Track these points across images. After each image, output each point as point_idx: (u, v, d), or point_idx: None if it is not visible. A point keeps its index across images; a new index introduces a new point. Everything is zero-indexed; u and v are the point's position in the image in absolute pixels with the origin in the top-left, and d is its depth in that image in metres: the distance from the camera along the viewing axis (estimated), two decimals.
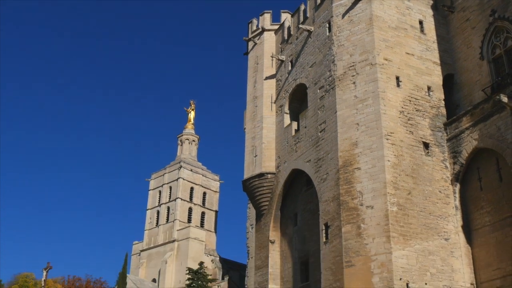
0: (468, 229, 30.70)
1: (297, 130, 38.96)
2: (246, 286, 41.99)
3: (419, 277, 28.39)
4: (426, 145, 32.15)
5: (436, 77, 34.61)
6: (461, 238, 30.53)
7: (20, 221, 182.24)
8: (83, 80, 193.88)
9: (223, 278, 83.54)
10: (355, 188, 30.80)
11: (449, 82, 35.34)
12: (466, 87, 34.39)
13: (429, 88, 33.92)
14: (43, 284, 77.38)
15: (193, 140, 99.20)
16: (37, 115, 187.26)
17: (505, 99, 28.59)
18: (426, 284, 28.38)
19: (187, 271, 56.73)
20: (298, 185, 38.91)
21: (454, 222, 30.78)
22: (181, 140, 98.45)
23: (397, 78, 33.05)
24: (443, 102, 34.03)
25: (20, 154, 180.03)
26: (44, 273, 78.69)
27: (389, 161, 30.48)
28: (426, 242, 29.40)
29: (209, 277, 58.91)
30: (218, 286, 77.96)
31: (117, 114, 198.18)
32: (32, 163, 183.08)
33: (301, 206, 38.39)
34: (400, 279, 27.86)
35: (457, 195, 31.46)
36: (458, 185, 31.61)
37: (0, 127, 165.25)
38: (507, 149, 28.67)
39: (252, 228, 42.52)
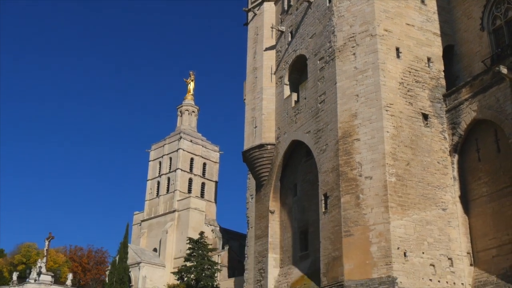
0: (465, 200, 31.10)
1: (297, 101, 39.07)
2: (246, 255, 42.59)
3: (417, 246, 28.90)
4: (425, 116, 32.34)
5: (436, 48, 34.60)
6: (458, 208, 30.97)
7: (22, 191, 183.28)
8: (82, 51, 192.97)
9: (223, 248, 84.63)
10: (354, 159, 31.09)
11: (449, 53, 35.36)
12: (466, 58, 34.44)
13: (429, 59, 33.93)
14: (45, 254, 78.63)
15: (193, 111, 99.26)
16: (37, 84, 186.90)
17: (504, 70, 28.65)
18: (423, 253, 28.92)
19: (188, 241, 57.39)
20: (298, 156, 39.20)
21: (451, 192, 31.18)
22: (180, 111, 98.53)
23: (397, 49, 33.05)
24: (442, 73, 34.09)
25: (20, 124, 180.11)
26: (46, 243, 79.83)
27: (388, 132, 30.70)
28: (424, 212, 29.83)
29: (210, 246, 59.60)
30: (218, 255, 79.00)
31: (117, 85, 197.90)
32: (33, 133, 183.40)
33: (300, 176, 38.74)
34: (398, 248, 28.37)
35: (455, 166, 31.77)
36: (456, 156, 31.91)
37: (0, 95, 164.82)
38: (505, 121, 28.87)
39: (252, 198, 42.96)
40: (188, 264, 52.98)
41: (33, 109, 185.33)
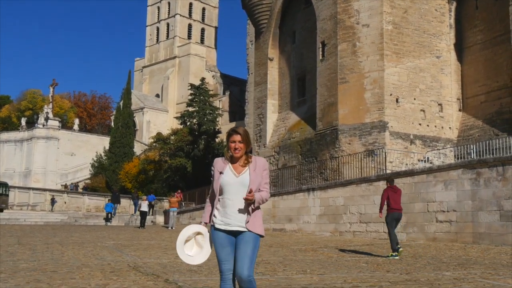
0: (460, 47, 31.60)
1: None
2: (246, 100, 43.94)
3: (409, 92, 30.04)
4: None
5: None
6: (452, 55, 31.58)
7: (25, 38, 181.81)
8: None
9: (224, 93, 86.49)
10: (352, 7, 31.07)
11: None
12: None
13: None
14: (51, 100, 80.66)
15: None
16: None
17: None
18: (414, 99, 30.13)
19: (189, 87, 58.54)
20: (297, 3, 38.87)
21: (447, 40, 31.60)
22: None
23: None
24: None
25: None
26: (51, 89, 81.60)
27: None
28: (418, 60, 30.51)
29: (211, 92, 60.85)
30: (219, 100, 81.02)
31: None
32: None
33: (299, 24, 38.78)
34: (391, 94, 29.54)
35: (453, 13, 31.79)
36: (454, 3, 31.78)
37: None
38: None
39: (252, 44, 43.29)
40: (190, 109, 54.61)
41: None
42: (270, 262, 11.63)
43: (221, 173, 4.64)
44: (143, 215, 30.86)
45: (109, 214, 37.79)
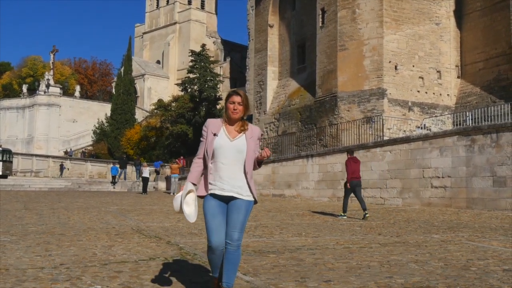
0: (459, 14, 31.61)
1: None
2: (247, 67, 44.10)
3: (408, 60, 30.22)
4: None
5: None
6: (451, 22, 31.62)
7: (25, 5, 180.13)
8: None
9: (225, 59, 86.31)
10: None
11: None
12: None
13: None
14: (51, 67, 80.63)
15: None
16: None
17: None
18: (413, 66, 30.33)
19: (190, 53, 58.49)
20: None
21: (446, 7, 31.58)
22: None
23: None
24: None
25: None
26: (52, 56, 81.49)
27: None
28: (417, 27, 30.59)
29: (211, 58, 60.81)
30: (220, 67, 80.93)
31: None
32: None
33: None
34: (390, 62, 29.73)
35: None
36: None
37: None
38: None
39: (252, 10, 43.21)
40: (191, 76, 54.72)
41: None
42: (267, 226, 12.13)
43: (214, 135, 4.50)
44: (145, 181, 31.44)
45: (115, 177, 39.00)
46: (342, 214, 15.23)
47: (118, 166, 41.20)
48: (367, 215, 14.68)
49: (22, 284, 5.27)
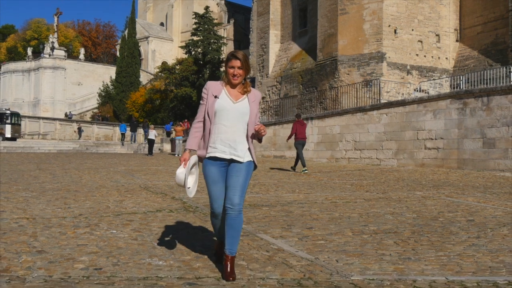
0: None
1: None
2: (251, 29, 44.45)
3: (407, 23, 30.68)
4: None
5: None
6: None
7: None
8: None
9: (228, 21, 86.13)
10: None
11: None
12: None
13: None
14: (56, 30, 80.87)
15: None
16: None
17: None
18: (412, 30, 30.81)
19: (193, 16, 58.72)
20: None
21: None
22: None
23: None
24: None
25: None
26: (55, 18, 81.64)
27: None
28: None
29: (215, 21, 61.04)
30: (224, 29, 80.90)
31: None
32: None
33: None
34: (389, 25, 30.22)
35: None
36: None
37: None
38: None
39: None
40: (195, 38, 55.11)
41: None
42: (265, 184, 13.09)
43: (215, 97, 4.39)
44: (151, 143, 32.42)
45: (124, 135, 41.03)
46: (304, 169, 17.28)
47: (128, 126, 43.22)
48: (306, 171, 17.09)
49: (50, 229, 6.23)
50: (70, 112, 70.59)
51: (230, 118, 4.35)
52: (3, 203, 8.45)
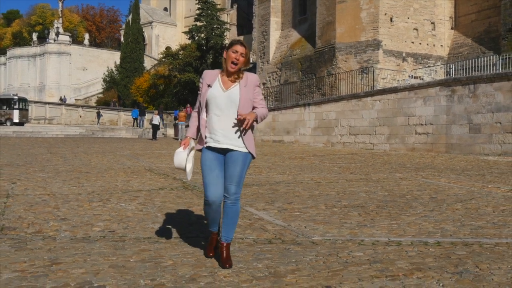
0: None
1: None
2: (254, 14, 45.13)
3: (403, 12, 31.53)
4: None
5: None
6: None
7: None
8: None
9: (231, 6, 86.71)
10: None
11: None
12: None
13: None
14: (60, 15, 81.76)
15: None
16: None
17: None
18: (408, 18, 31.68)
19: (197, 1, 59.44)
20: None
21: None
22: None
23: None
24: None
25: None
26: (60, 4, 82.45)
27: None
28: None
29: (218, 6, 61.74)
30: (227, 14, 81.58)
31: None
32: None
33: None
34: (385, 14, 31.09)
35: None
36: None
37: None
38: None
39: None
40: (198, 23, 55.86)
41: None
42: (259, 166, 14.22)
43: (209, 86, 4.36)
44: (155, 128, 33.56)
45: (136, 120, 43.36)
46: None
47: (138, 110, 45.08)
48: None
49: (69, 203, 7.39)
50: (64, 96, 71.73)
51: (221, 107, 4.30)
52: (25, 182, 9.62)
